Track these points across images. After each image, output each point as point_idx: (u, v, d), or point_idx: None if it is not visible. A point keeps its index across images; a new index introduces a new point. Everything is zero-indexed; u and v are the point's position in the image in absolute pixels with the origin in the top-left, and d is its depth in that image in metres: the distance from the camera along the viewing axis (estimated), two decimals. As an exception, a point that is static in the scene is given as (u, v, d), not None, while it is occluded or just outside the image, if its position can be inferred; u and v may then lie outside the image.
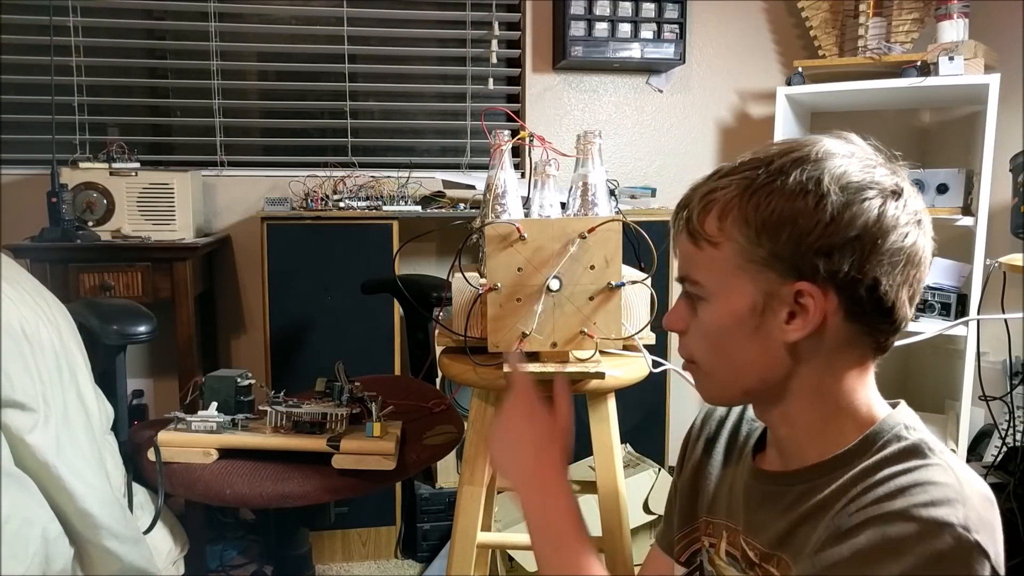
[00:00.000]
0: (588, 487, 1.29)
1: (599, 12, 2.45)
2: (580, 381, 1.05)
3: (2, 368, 1.06)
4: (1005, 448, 2.00)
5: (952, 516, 0.60)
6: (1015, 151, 1.96)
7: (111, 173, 2.09)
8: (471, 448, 1.15)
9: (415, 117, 2.65)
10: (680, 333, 0.79)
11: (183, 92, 2.48)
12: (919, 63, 2.20)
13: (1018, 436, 1.97)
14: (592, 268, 1.02)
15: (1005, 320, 1.99)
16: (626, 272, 1.07)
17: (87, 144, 2.40)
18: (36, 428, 1.09)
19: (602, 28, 2.47)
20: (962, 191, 2.20)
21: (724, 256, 0.72)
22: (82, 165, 2.09)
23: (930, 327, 1.96)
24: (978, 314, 2.07)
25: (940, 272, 2.22)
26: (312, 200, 2.16)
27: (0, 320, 1.10)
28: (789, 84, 2.38)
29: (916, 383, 2.78)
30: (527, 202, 1.20)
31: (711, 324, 0.74)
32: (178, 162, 2.44)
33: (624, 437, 2.25)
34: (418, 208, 2.21)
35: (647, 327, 1.11)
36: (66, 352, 1.23)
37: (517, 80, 2.64)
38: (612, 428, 1.16)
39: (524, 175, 1.83)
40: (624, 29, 2.47)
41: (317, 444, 1.28)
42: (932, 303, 2.19)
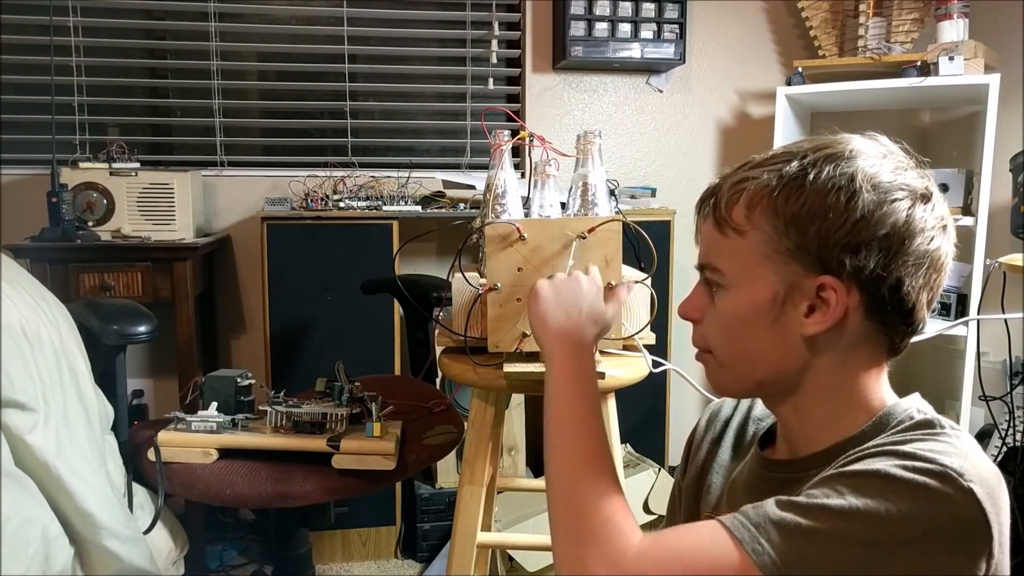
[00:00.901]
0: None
1: (599, 12, 2.45)
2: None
3: (2, 368, 1.07)
4: (1005, 448, 2.00)
5: (952, 463, 0.59)
6: (1015, 151, 1.95)
7: (111, 173, 2.09)
8: (471, 448, 1.15)
9: (415, 117, 2.65)
10: (695, 322, 0.79)
11: (183, 92, 2.48)
12: (919, 63, 2.20)
13: (1018, 436, 1.97)
14: (592, 268, 1.02)
15: (1005, 320, 1.99)
16: (626, 272, 1.07)
17: (87, 144, 2.39)
18: (36, 428, 1.10)
19: (602, 28, 2.46)
20: (962, 191, 2.20)
21: (749, 245, 0.72)
22: (82, 165, 2.09)
23: (930, 327, 1.94)
24: (978, 314, 2.07)
25: (940, 272, 2.21)
26: (312, 200, 2.16)
27: (0, 320, 1.10)
28: (789, 84, 2.38)
29: (916, 383, 2.73)
30: (527, 202, 1.20)
31: (730, 313, 0.74)
32: (178, 162, 2.44)
33: (624, 437, 2.26)
34: (418, 208, 2.21)
35: (647, 327, 1.11)
36: (66, 352, 1.23)
37: (517, 80, 2.64)
38: (612, 428, 1.16)
39: (524, 175, 1.82)
40: (624, 29, 2.47)
41: (317, 444, 1.28)
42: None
